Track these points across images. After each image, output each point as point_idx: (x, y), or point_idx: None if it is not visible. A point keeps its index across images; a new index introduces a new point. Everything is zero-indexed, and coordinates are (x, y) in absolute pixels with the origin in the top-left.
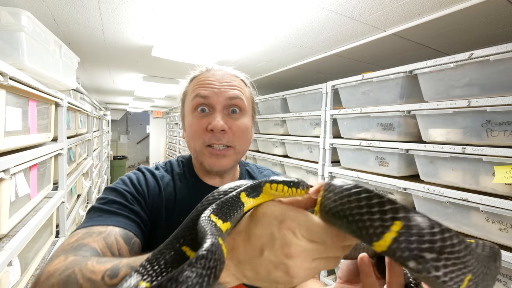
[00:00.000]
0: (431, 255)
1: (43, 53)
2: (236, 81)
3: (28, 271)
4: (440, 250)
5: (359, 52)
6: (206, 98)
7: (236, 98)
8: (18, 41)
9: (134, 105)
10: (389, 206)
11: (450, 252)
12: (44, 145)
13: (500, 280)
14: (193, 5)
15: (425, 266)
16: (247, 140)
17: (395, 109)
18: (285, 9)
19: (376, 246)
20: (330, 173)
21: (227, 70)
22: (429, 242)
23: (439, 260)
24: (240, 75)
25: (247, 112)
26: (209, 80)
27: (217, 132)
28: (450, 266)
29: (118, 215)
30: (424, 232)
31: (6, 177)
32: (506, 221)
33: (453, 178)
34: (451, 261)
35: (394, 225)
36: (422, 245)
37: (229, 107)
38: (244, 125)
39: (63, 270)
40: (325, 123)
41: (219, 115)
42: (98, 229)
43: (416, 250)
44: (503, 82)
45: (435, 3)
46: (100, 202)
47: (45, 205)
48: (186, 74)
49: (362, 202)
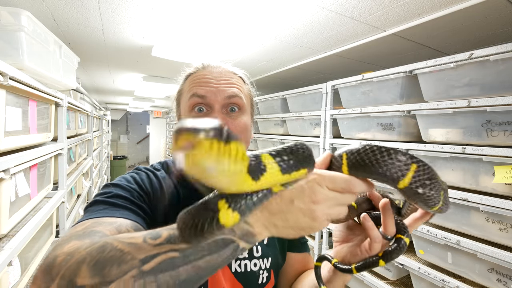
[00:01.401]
0: (429, 181)
1: (43, 53)
2: (234, 79)
3: (28, 271)
4: (431, 177)
5: (359, 52)
6: (204, 98)
7: (235, 96)
8: (18, 41)
9: (134, 105)
10: (407, 155)
11: (434, 178)
12: (44, 145)
13: (500, 280)
14: (193, 5)
15: (426, 189)
16: (246, 139)
17: (395, 109)
18: (285, 9)
19: (400, 184)
20: None
21: (225, 67)
22: (428, 174)
23: (431, 184)
24: (238, 71)
25: (246, 110)
26: (206, 78)
27: None
28: (435, 188)
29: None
30: (426, 168)
31: (6, 177)
32: (506, 221)
33: (453, 178)
34: (435, 184)
35: (412, 166)
36: (425, 176)
37: (227, 106)
38: (244, 124)
39: (89, 245)
40: (325, 123)
41: (218, 114)
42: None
43: (423, 180)
44: (503, 82)
45: (435, 3)
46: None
47: (45, 205)
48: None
49: (385, 153)
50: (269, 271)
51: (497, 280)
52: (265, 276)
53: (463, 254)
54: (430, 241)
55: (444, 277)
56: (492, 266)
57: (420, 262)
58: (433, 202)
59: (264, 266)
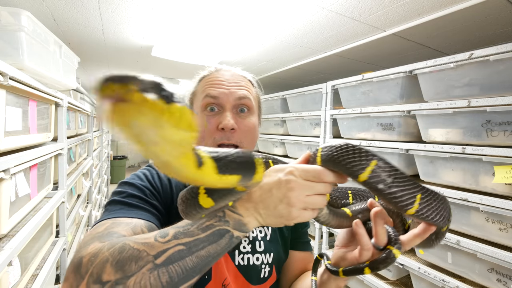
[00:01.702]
0: (390, 179)
1: (43, 53)
2: (244, 82)
3: (28, 271)
4: (394, 175)
5: (359, 52)
6: (216, 98)
7: (244, 98)
8: (18, 41)
9: None
10: (369, 152)
11: (398, 176)
12: (44, 145)
13: (500, 280)
14: (193, 5)
15: (386, 186)
16: (254, 139)
17: (395, 109)
18: (285, 9)
19: (360, 177)
20: None
21: (235, 71)
22: (388, 172)
23: (394, 182)
24: (247, 75)
25: (254, 112)
26: (219, 80)
27: (227, 131)
28: (401, 186)
29: (139, 209)
30: (387, 166)
31: (6, 177)
32: (506, 221)
33: (453, 178)
34: (400, 182)
35: (372, 162)
36: (385, 173)
37: (237, 107)
38: (252, 124)
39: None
40: (325, 123)
41: (229, 114)
42: (124, 220)
43: (383, 176)
44: (503, 82)
45: (435, 3)
46: (119, 195)
47: (45, 205)
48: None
49: (350, 149)
50: (271, 266)
51: (497, 280)
52: (267, 271)
53: (463, 254)
54: None
55: (444, 277)
56: (492, 266)
57: (420, 262)
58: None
59: (266, 261)
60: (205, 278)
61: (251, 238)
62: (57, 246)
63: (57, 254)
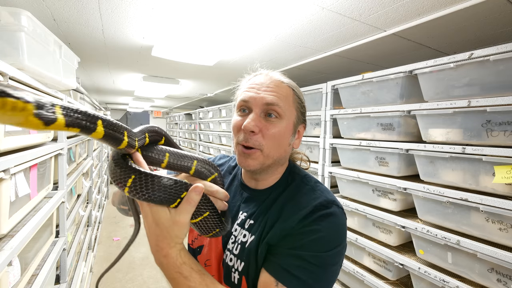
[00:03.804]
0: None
1: (43, 53)
2: (278, 87)
3: (28, 271)
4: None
5: (359, 52)
6: (247, 102)
7: (272, 104)
8: (18, 41)
9: (134, 105)
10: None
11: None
12: (44, 145)
13: (500, 280)
14: (193, 5)
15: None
16: (279, 146)
17: (395, 109)
18: (285, 9)
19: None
20: (330, 173)
21: (273, 75)
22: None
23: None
24: (285, 80)
25: (285, 119)
26: (254, 84)
27: (246, 133)
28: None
29: None
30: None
31: (6, 177)
32: (506, 221)
33: (453, 178)
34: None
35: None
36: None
37: (266, 111)
38: (278, 131)
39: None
40: (325, 123)
41: (252, 116)
42: None
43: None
44: (503, 82)
45: (435, 3)
46: None
47: (45, 205)
48: (240, 77)
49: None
50: (240, 275)
51: (497, 280)
52: (236, 278)
53: (463, 254)
54: (430, 241)
55: (444, 277)
56: (492, 266)
57: (420, 262)
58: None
59: (236, 267)
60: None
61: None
62: (57, 246)
63: (57, 254)
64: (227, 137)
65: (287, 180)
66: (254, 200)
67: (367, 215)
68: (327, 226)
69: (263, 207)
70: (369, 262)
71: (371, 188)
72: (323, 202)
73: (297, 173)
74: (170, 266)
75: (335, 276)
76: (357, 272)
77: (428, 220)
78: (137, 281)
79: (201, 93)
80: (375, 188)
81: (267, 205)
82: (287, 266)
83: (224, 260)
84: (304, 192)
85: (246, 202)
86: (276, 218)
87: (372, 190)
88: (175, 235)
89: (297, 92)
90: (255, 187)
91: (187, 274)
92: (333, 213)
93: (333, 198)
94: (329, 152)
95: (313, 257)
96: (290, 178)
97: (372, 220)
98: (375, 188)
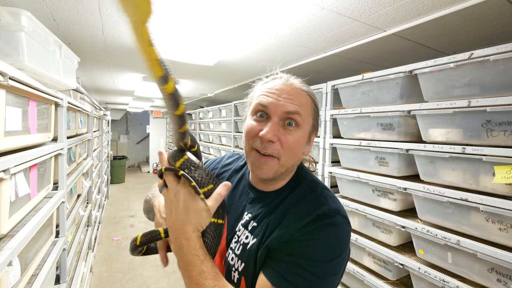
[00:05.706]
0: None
1: (43, 53)
2: (298, 95)
3: (28, 271)
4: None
5: (359, 52)
6: (266, 107)
7: (293, 113)
8: (18, 41)
9: (134, 105)
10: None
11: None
12: (44, 145)
13: (500, 280)
14: (193, 5)
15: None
16: (295, 155)
17: (395, 109)
18: (285, 9)
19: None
20: (330, 173)
21: (293, 81)
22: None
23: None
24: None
25: (303, 128)
26: (274, 89)
27: (264, 141)
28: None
29: None
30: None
31: (6, 177)
32: (506, 221)
33: (453, 178)
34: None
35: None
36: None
37: (285, 120)
38: (296, 140)
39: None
40: (325, 123)
41: (271, 125)
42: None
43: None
44: (503, 82)
45: (435, 3)
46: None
47: (45, 205)
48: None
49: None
50: (240, 275)
51: (497, 280)
52: (236, 277)
53: (463, 254)
54: (430, 241)
55: (444, 277)
56: (492, 266)
57: (420, 262)
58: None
59: (236, 267)
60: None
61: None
62: (57, 246)
63: (57, 254)
64: (227, 137)
65: (294, 184)
66: (260, 201)
67: (367, 215)
68: (327, 236)
69: (267, 210)
70: (369, 262)
71: (371, 188)
72: (325, 211)
73: (303, 177)
74: (190, 248)
75: (333, 286)
76: (357, 272)
77: (428, 220)
78: (137, 281)
79: (201, 93)
80: (375, 188)
81: (272, 208)
82: (284, 272)
83: (226, 258)
84: (308, 199)
85: (252, 203)
86: (278, 223)
87: (372, 190)
88: (199, 222)
89: (315, 101)
90: (263, 189)
91: (203, 258)
92: (335, 223)
93: (337, 207)
94: (329, 152)
95: (311, 266)
96: (297, 182)
97: (372, 220)
98: (375, 188)
